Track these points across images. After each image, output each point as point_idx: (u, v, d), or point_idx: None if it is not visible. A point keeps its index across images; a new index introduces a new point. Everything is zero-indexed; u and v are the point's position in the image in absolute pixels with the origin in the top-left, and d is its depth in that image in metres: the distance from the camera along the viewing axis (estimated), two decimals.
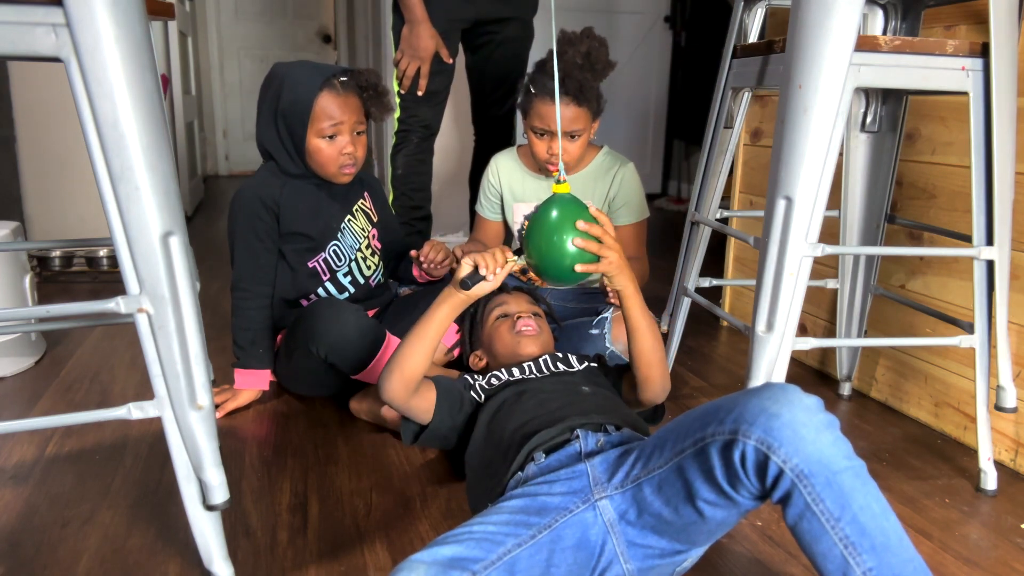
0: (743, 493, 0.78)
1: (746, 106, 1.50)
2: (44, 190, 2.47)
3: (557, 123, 1.28)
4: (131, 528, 1.08)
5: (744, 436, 0.75)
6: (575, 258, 1.04)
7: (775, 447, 0.73)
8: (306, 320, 1.40)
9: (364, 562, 1.02)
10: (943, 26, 1.45)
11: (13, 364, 1.63)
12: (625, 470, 0.88)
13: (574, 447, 0.96)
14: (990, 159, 1.17)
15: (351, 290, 1.58)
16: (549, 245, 1.04)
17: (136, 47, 0.77)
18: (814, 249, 1.09)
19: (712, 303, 1.50)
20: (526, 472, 0.96)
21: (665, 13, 4.68)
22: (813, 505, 0.73)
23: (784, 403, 0.75)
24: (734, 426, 0.76)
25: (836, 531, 0.72)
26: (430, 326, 1.07)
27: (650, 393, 1.16)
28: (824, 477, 0.72)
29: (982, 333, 1.23)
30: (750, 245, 1.24)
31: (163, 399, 0.86)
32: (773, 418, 0.74)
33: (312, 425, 1.43)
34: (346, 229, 1.56)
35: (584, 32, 1.58)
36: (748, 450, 0.75)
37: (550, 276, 1.07)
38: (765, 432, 0.74)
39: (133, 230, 0.80)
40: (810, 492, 0.73)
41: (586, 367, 1.22)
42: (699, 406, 0.85)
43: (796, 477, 0.73)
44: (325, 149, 1.46)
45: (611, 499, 0.88)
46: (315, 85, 1.42)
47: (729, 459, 0.76)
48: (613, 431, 0.99)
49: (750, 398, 0.77)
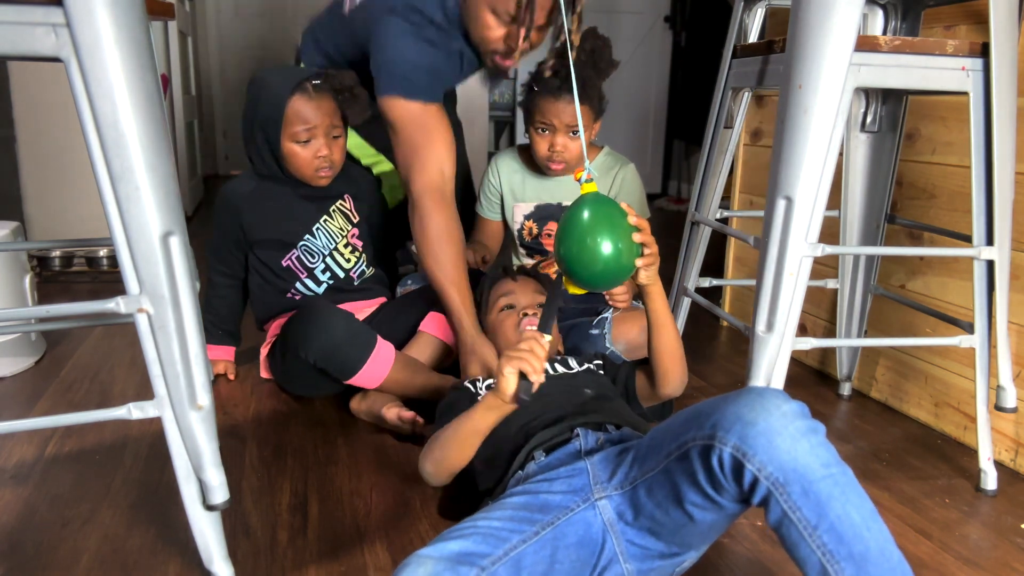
0: (725, 496, 0.78)
1: (746, 106, 1.51)
2: (44, 190, 2.47)
3: (578, 121, 1.25)
4: (131, 528, 1.08)
5: (720, 443, 0.75)
6: (609, 261, 0.99)
7: (749, 455, 0.73)
8: (295, 325, 1.41)
9: (364, 562, 1.02)
10: (943, 26, 1.45)
11: (13, 364, 1.63)
12: (624, 471, 0.88)
13: (574, 445, 0.96)
14: (990, 159, 1.17)
15: (330, 283, 1.60)
16: (582, 248, 0.99)
17: (136, 47, 0.77)
18: (814, 249, 1.08)
19: (712, 303, 1.50)
20: (526, 470, 0.96)
21: (665, 13, 4.69)
22: (790, 513, 0.72)
23: (760, 410, 0.75)
24: (711, 431, 0.76)
25: (813, 539, 0.71)
26: (473, 433, 1.00)
27: (669, 387, 1.16)
28: (800, 486, 0.72)
29: (982, 333, 1.23)
30: (750, 245, 1.24)
31: (163, 399, 0.86)
32: (748, 426, 0.74)
33: (312, 425, 1.43)
34: (320, 230, 1.58)
35: (588, 31, 1.58)
36: (725, 456, 0.75)
37: (583, 280, 1.02)
38: (740, 440, 0.74)
39: (133, 230, 0.80)
40: (786, 500, 0.72)
41: (586, 368, 1.22)
42: (685, 409, 0.85)
43: (772, 485, 0.72)
44: (300, 153, 1.48)
45: (610, 499, 0.88)
46: (286, 90, 1.44)
47: (708, 464, 0.76)
48: (612, 430, 0.99)
49: (728, 404, 0.77)
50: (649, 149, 4.88)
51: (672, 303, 1.69)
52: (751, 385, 1.11)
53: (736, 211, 2.07)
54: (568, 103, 1.59)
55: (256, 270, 1.59)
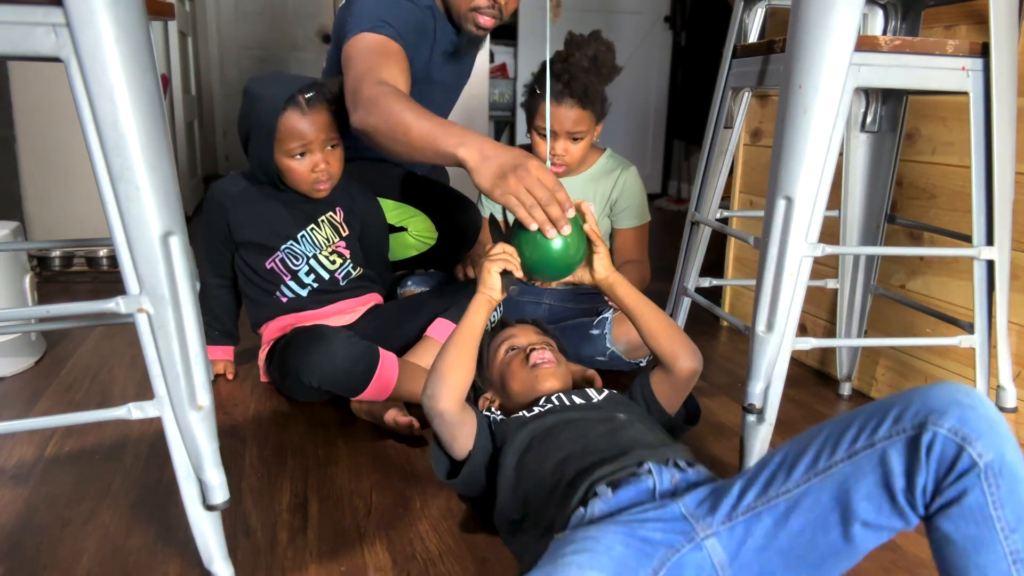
0: (917, 502, 0.70)
1: (746, 106, 1.51)
2: (44, 190, 2.47)
3: (547, 123, 1.28)
4: (131, 528, 1.08)
5: (935, 425, 0.68)
6: (561, 252, 1.05)
7: (972, 439, 0.67)
8: (294, 352, 1.40)
9: (364, 562, 1.02)
10: (943, 26, 1.45)
11: (13, 364, 1.63)
12: (731, 502, 0.78)
13: (646, 483, 0.86)
14: (990, 159, 1.17)
15: (314, 286, 1.58)
16: (532, 241, 1.05)
17: (136, 47, 0.77)
18: (814, 249, 1.09)
19: (712, 303, 1.50)
20: (590, 509, 0.84)
21: (665, 13, 4.69)
22: (991, 509, 0.66)
23: (976, 397, 0.69)
24: (920, 419, 0.69)
25: (1009, 542, 0.66)
26: (470, 334, 1.03)
27: (685, 363, 1.09)
28: (1011, 482, 0.66)
29: (982, 333, 1.23)
30: (750, 245, 1.24)
31: (163, 399, 0.86)
32: (969, 409, 0.68)
33: (312, 425, 1.43)
34: (305, 238, 1.55)
35: (592, 35, 1.58)
36: (938, 440, 0.68)
37: (538, 272, 1.08)
38: (960, 422, 0.67)
39: (133, 230, 0.80)
40: (993, 494, 0.66)
41: (607, 395, 1.12)
42: (831, 419, 0.78)
43: (985, 474, 0.66)
44: (296, 168, 1.46)
45: (718, 536, 0.77)
46: (278, 105, 1.40)
47: (913, 457, 0.69)
48: (685, 467, 0.90)
49: (929, 391, 0.71)
50: (649, 149, 4.87)
51: (672, 303, 1.69)
52: (942, 381, 1.00)
53: (736, 211, 2.07)
54: (571, 107, 1.59)
55: (242, 271, 1.58)
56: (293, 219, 1.55)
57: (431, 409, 1.00)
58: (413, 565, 1.01)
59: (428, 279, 1.80)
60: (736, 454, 1.21)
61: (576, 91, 1.57)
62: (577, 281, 1.14)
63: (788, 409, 1.54)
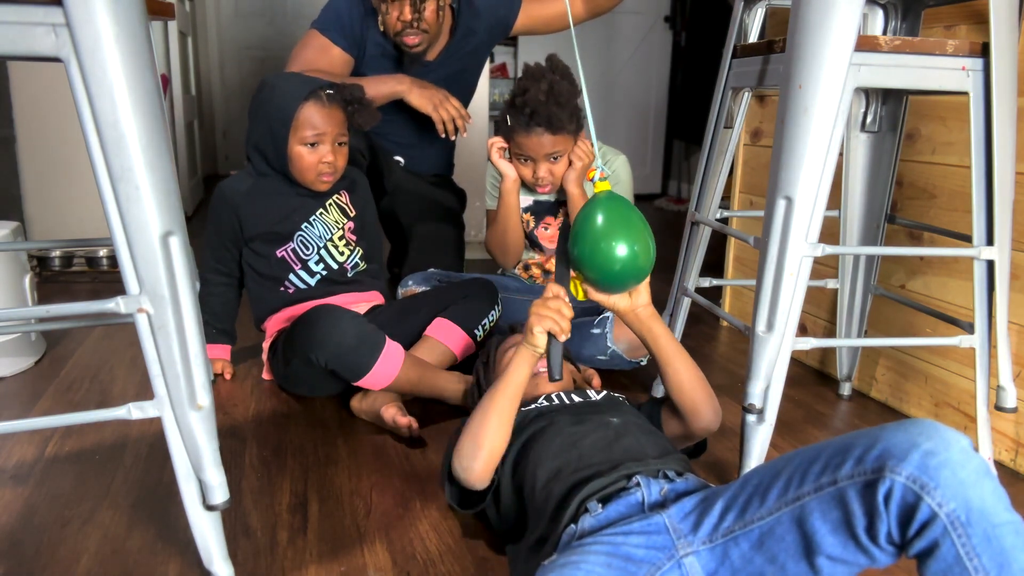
0: (882, 545, 0.68)
1: (746, 106, 1.50)
2: (44, 190, 2.47)
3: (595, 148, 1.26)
4: (131, 528, 1.08)
5: (892, 472, 0.65)
6: (626, 263, 0.97)
7: (930, 488, 0.64)
8: (304, 329, 1.41)
9: (364, 562, 1.02)
10: (943, 26, 1.45)
11: (13, 364, 1.63)
12: (712, 521, 0.78)
13: (635, 497, 0.86)
14: (990, 159, 1.17)
15: (323, 274, 1.61)
16: (595, 252, 0.97)
17: (136, 47, 0.77)
18: (814, 249, 1.08)
19: (712, 303, 1.50)
20: (580, 524, 0.85)
21: (665, 13, 4.69)
22: (966, 560, 0.63)
23: (939, 440, 0.66)
24: (877, 463, 0.67)
25: None
26: (512, 393, 0.98)
27: (702, 421, 1.05)
28: (983, 529, 0.63)
29: (982, 333, 1.23)
30: (750, 245, 1.24)
31: (163, 399, 0.86)
32: (929, 455, 0.65)
33: (312, 425, 1.43)
34: (316, 222, 1.60)
35: (546, 66, 1.64)
36: (896, 489, 0.65)
37: (598, 282, 1.01)
38: (919, 470, 0.64)
39: (133, 230, 0.80)
40: (964, 544, 0.63)
41: (606, 395, 1.11)
42: (809, 446, 0.76)
43: (951, 525, 0.63)
44: (306, 156, 1.53)
45: (698, 555, 0.77)
46: (301, 94, 1.50)
47: (871, 501, 0.67)
48: (675, 477, 0.89)
49: (893, 432, 0.68)
50: (649, 149, 4.87)
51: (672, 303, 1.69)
52: (914, 418, 1.03)
53: (736, 211, 2.07)
54: (541, 135, 1.63)
55: (250, 265, 1.60)
56: (303, 205, 1.59)
57: (464, 480, 0.97)
58: (413, 565, 1.01)
59: (428, 279, 1.80)
60: (736, 454, 1.21)
61: (542, 122, 1.60)
62: (611, 306, 1.05)
63: (788, 409, 1.54)
